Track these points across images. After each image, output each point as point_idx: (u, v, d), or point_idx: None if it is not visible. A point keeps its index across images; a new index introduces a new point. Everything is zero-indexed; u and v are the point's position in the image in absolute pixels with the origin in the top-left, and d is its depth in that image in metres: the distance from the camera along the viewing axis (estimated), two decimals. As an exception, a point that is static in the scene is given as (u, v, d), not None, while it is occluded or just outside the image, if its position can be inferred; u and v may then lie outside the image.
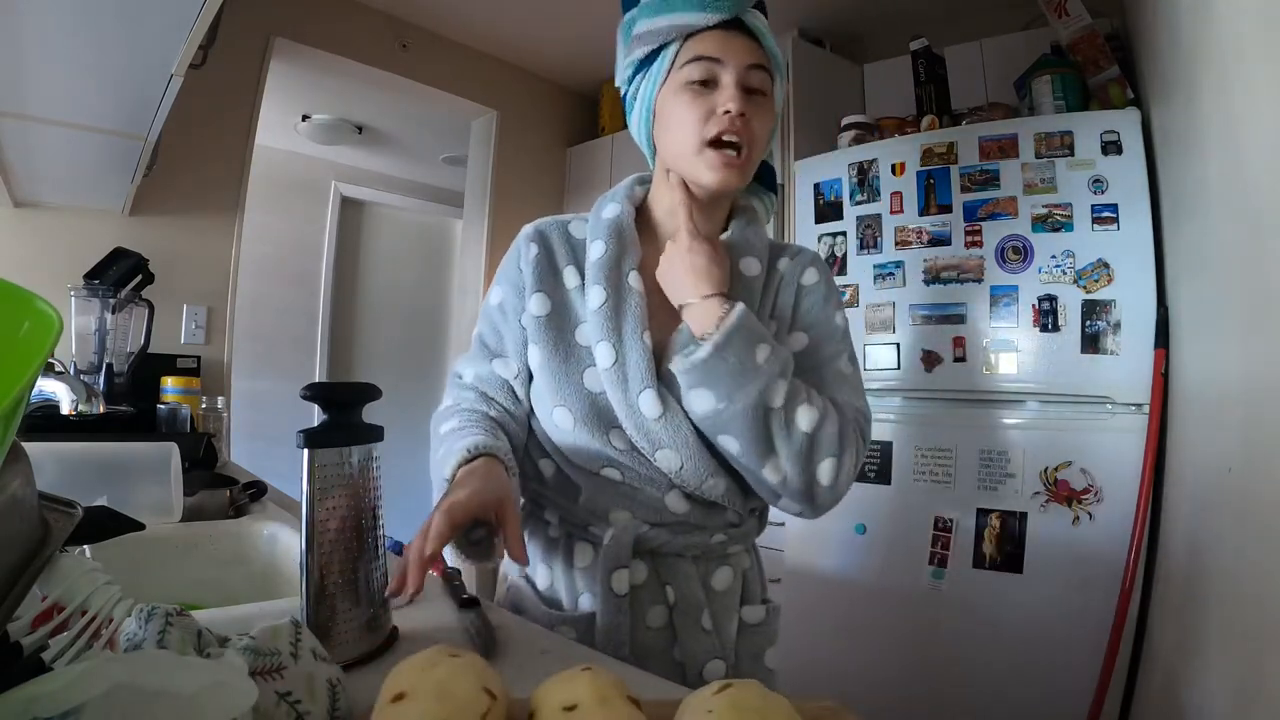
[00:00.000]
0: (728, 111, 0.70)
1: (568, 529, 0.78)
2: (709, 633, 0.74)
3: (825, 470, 0.70)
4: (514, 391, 0.80)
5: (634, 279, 0.77)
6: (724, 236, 0.80)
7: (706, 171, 0.73)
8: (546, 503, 0.79)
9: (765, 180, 0.86)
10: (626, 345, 0.74)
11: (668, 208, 0.80)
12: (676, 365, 0.70)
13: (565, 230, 0.84)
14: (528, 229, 0.84)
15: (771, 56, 0.73)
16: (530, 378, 0.81)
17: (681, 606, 0.74)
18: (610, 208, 0.82)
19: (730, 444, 0.70)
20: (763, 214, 0.87)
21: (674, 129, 0.74)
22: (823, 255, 2.02)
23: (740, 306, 0.70)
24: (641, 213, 0.83)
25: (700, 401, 0.69)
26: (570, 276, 0.80)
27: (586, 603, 0.75)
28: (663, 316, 0.76)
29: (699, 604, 0.75)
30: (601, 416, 0.74)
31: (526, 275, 0.80)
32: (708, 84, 0.72)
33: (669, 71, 0.73)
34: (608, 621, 0.72)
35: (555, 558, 0.78)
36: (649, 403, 0.72)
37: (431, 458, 0.75)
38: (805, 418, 0.69)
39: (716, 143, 0.71)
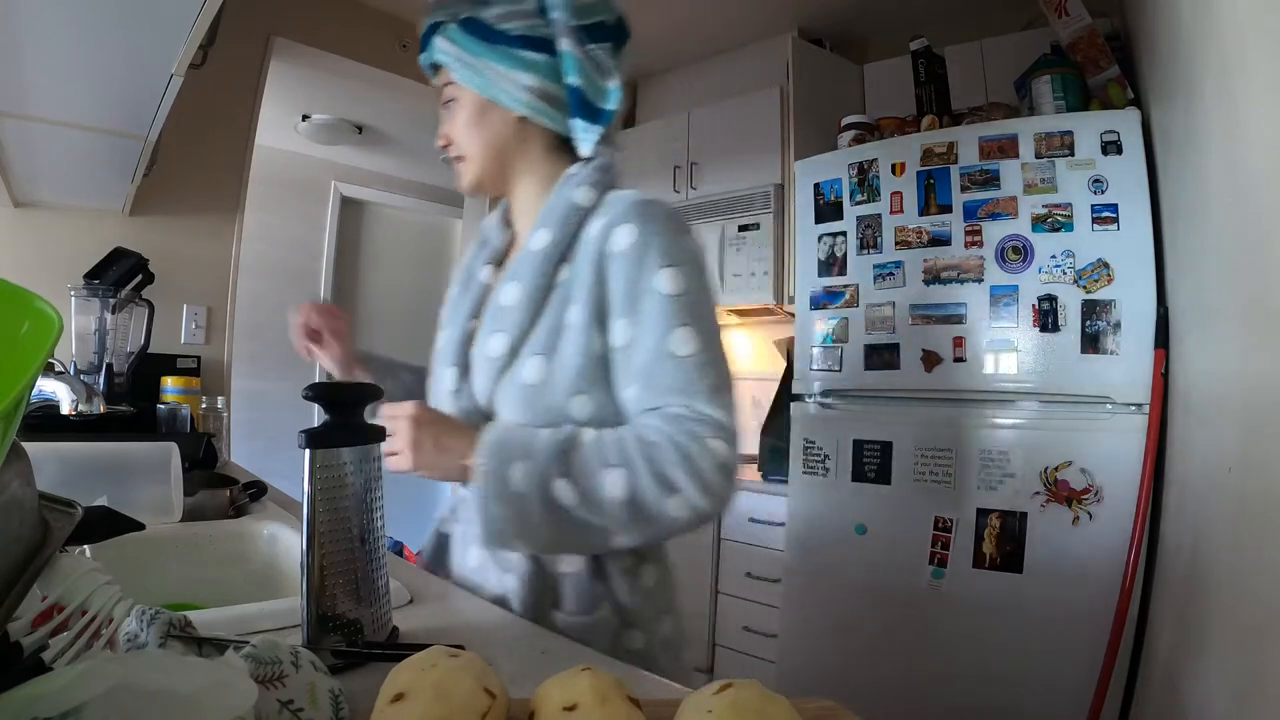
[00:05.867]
0: None
1: None
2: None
3: (676, 505, 0.67)
4: None
5: (485, 273, 0.89)
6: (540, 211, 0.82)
7: None
8: None
9: (579, 110, 0.81)
10: (450, 329, 0.87)
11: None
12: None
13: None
14: None
15: (449, 63, 0.82)
16: None
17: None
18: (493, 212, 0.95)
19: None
20: (584, 148, 0.82)
21: None
22: (821, 255, 2.04)
23: (481, 463, 0.69)
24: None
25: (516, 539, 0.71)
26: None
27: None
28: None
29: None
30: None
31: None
32: None
33: None
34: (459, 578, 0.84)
35: None
36: (447, 378, 0.83)
37: None
38: (613, 484, 0.66)
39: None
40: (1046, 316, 1.66)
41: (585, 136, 0.81)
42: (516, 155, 0.83)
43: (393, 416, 0.71)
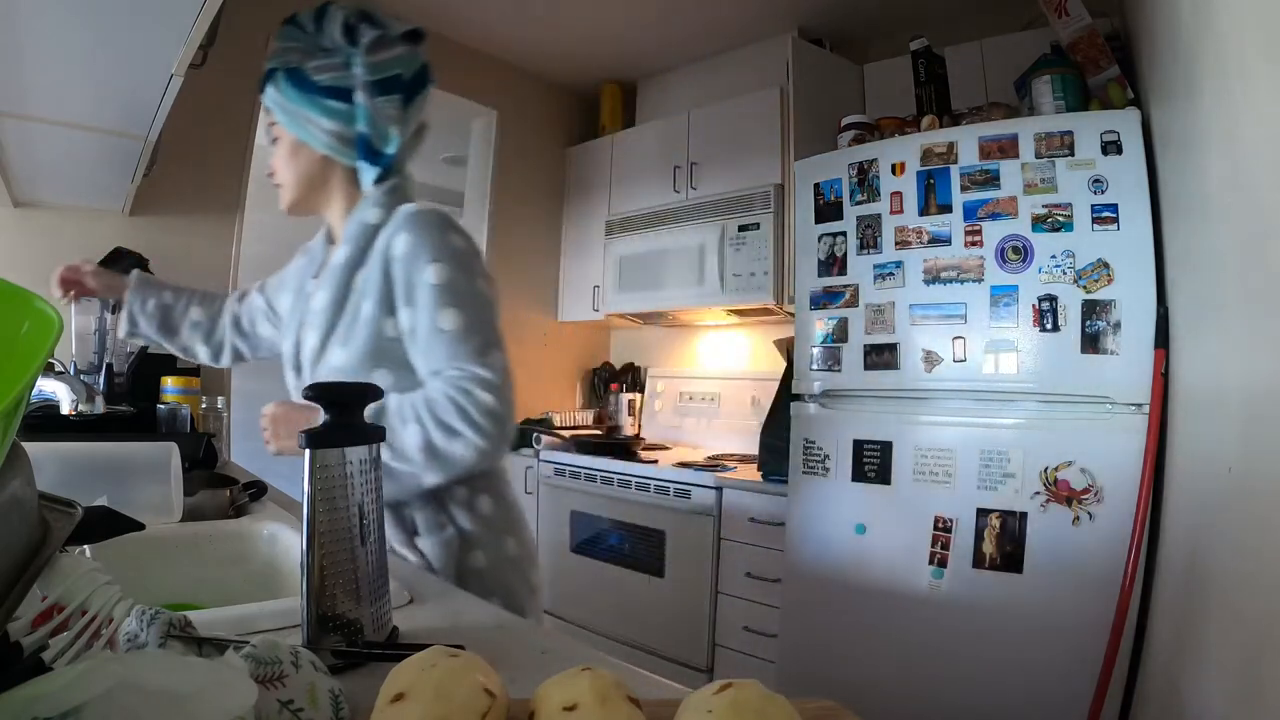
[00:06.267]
0: None
1: None
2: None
3: (461, 446, 0.84)
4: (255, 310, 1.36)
5: (311, 285, 1.06)
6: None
7: None
8: None
9: (363, 153, 0.99)
10: (289, 339, 1.06)
11: None
12: None
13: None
14: None
15: (273, 108, 0.98)
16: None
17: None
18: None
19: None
20: (365, 185, 1.01)
21: None
22: (821, 255, 2.04)
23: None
24: None
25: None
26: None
27: None
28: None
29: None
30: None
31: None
32: None
33: None
34: None
35: None
36: (290, 379, 1.05)
37: None
38: (411, 437, 0.84)
39: None
40: (1046, 316, 1.66)
41: (366, 175, 1.01)
42: (323, 185, 1.02)
43: (263, 414, 0.95)
